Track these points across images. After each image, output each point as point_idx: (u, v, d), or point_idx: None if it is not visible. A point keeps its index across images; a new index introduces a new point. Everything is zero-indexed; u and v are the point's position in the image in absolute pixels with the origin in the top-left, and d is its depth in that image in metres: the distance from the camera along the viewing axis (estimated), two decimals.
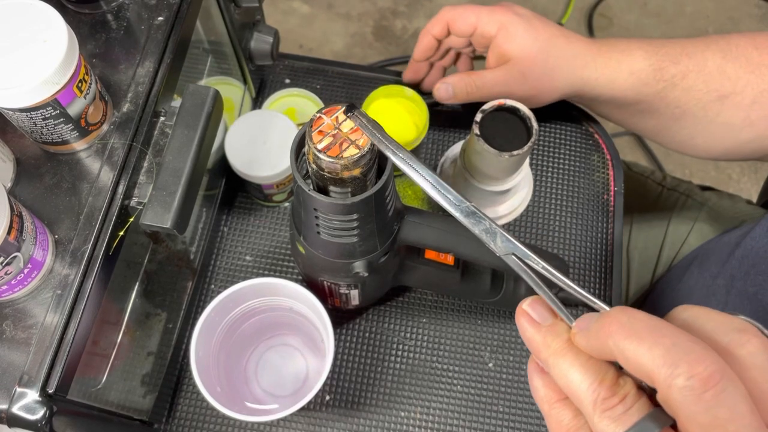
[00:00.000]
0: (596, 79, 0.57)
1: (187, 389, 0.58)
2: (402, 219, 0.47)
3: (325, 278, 0.51)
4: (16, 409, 0.36)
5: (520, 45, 0.56)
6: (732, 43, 0.55)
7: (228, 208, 0.65)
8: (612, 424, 0.25)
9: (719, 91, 0.55)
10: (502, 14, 0.56)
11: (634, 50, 0.57)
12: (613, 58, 0.57)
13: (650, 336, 0.25)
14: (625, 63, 0.56)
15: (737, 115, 0.56)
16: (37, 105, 0.38)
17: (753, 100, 0.54)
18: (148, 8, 0.47)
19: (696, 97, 0.56)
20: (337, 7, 1.63)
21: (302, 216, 0.43)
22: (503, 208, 0.65)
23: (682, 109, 0.57)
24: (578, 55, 0.57)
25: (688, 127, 0.58)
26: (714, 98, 0.56)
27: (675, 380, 0.24)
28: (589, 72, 0.57)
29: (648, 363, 0.24)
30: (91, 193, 0.42)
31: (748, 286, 0.53)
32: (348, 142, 0.36)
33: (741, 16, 1.64)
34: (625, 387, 0.26)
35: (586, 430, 0.27)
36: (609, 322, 0.26)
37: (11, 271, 0.37)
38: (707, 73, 0.55)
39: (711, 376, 0.23)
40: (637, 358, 0.25)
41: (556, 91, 0.59)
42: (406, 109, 0.63)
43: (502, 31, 0.56)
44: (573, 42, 0.58)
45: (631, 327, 0.25)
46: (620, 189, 0.68)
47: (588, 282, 0.64)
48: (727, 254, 0.59)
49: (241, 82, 0.65)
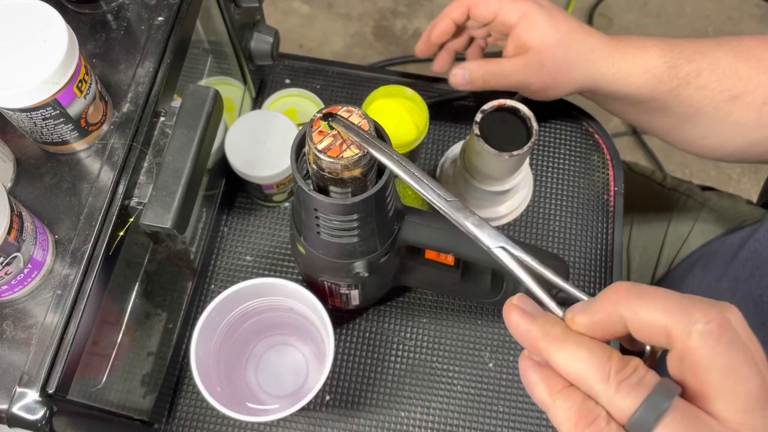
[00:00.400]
0: (612, 75, 0.57)
1: (187, 389, 0.58)
2: (402, 219, 0.47)
3: (325, 278, 0.51)
4: (16, 409, 0.36)
5: (541, 35, 0.56)
6: (744, 44, 0.56)
7: (228, 208, 0.65)
8: (632, 392, 0.25)
9: (731, 91, 0.55)
10: (524, 3, 0.56)
11: (649, 47, 0.57)
12: (629, 54, 0.57)
13: (659, 294, 0.26)
14: (640, 59, 0.56)
15: (748, 115, 0.56)
16: (37, 105, 0.38)
17: (764, 100, 0.55)
18: (148, 8, 0.47)
19: (709, 96, 0.56)
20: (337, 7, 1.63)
21: (302, 216, 0.43)
22: (503, 208, 0.65)
23: (695, 107, 0.57)
24: (596, 49, 0.57)
25: (699, 126, 0.58)
26: (726, 98, 0.56)
27: (695, 326, 0.25)
28: (606, 67, 0.57)
29: (663, 318, 0.26)
30: (91, 193, 0.42)
31: (753, 289, 0.53)
32: (348, 143, 0.36)
33: (741, 16, 1.64)
34: (634, 360, 0.27)
35: (600, 410, 0.26)
36: (615, 291, 0.27)
37: (11, 271, 0.37)
38: (720, 72, 0.55)
39: (725, 321, 0.25)
40: (651, 316, 0.26)
41: (572, 85, 0.59)
42: (406, 109, 0.63)
43: (523, 19, 0.56)
44: (592, 36, 0.57)
45: (639, 291, 0.27)
46: (620, 189, 0.68)
47: (588, 282, 0.64)
48: (731, 256, 0.59)
49: (241, 82, 0.65)
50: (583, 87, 0.59)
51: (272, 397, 0.59)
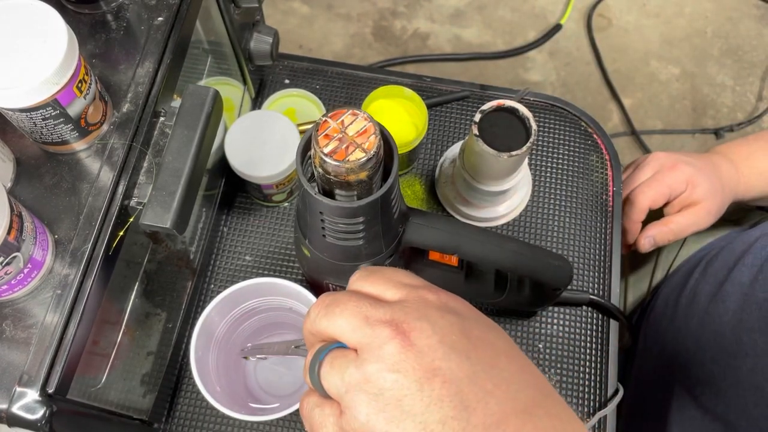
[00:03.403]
0: (743, 186, 0.68)
1: (187, 389, 0.59)
2: (407, 221, 0.47)
3: (330, 281, 0.51)
4: (16, 409, 0.37)
5: (705, 190, 0.66)
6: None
7: (228, 208, 0.65)
8: (307, 372, 0.32)
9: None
10: (682, 172, 0.66)
11: (755, 152, 0.68)
12: (741, 165, 0.68)
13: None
14: (754, 166, 0.68)
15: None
16: (37, 105, 0.38)
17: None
18: (148, 8, 0.47)
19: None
20: (336, 7, 1.63)
21: (307, 219, 0.43)
22: (502, 208, 0.65)
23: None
24: (730, 176, 0.68)
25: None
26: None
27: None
28: (736, 184, 0.68)
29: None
30: (91, 193, 0.42)
31: (758, 292, 0.54)
32: (354, 146, 0.36)
33: (740, 16, 1.64)
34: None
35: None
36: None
37: (11, 271, 0.37)
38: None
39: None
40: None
41: (726, 205, 0.68)
42: (406, 110, 0.63)
43: (689, 186, 0.66)
44: (718, 162, 0.68)
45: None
46: (619, 189, 0.68)
47: (587, 282, 0.64)
48: (734, 261, 0.59)
49: (240, 82, 0.65)
50: (730, 202, 0.69)
51: (272, 397, 0.59)
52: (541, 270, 0.50)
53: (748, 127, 1.49)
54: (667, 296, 0.69)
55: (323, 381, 0.30)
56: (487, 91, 0.73)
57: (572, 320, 0.63)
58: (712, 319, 0.58)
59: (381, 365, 0.28)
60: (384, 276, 0.33)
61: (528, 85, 1.54)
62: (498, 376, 0.29)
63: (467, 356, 0.29)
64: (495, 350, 0.30)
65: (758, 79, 1.56)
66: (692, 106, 1.53)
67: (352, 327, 0.30)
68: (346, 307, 0.31)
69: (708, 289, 0.61)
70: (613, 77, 1.54)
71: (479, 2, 1.64)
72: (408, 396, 0.28)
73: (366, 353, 0.29)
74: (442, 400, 0.27)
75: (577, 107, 0.72)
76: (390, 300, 0.32)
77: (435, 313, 0.30)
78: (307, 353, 0.33)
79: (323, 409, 0.30)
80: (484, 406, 0.28)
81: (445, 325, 0.30)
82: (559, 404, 0.31)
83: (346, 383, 0.29)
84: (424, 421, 0.27)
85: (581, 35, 1.61)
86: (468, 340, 0.30)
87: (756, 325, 0.52)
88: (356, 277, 0.34)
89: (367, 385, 0.28)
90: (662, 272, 0.74)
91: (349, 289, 0.34)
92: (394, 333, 0.29)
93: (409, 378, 0.28)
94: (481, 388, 0.28)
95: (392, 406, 0.28)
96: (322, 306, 0.32)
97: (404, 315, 0.30)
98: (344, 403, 0.29)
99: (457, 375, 0.28)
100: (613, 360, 0.61)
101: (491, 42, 1.59)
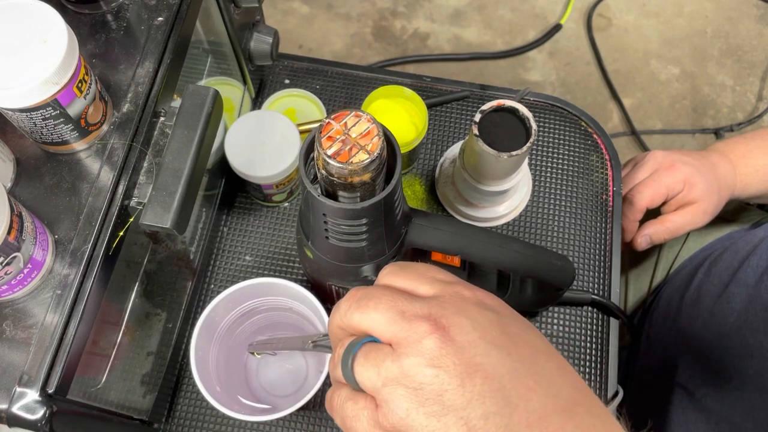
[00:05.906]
0: (741, 184, 0.68)
1: (187, 389, 0.59)
2: (409, 222, 0.47)
3: (333, 282, 0.51)
4: (16, 409, 0.37)
5: (701, 189, 0.66)
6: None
7: (228, 208, 0.65)
8: (337, 367, 0.31)
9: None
10: (680, 172, 0.66)
11: (752, 150, 0.68)
12: (739, 163, 0.68)
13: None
14: (750, 164, 0.68)
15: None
16: (37, 105, 0.38)
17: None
18: (148, 8, 0.47)
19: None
20: (336, 7, 1.63)
21: (310, 221, 0.43)
22: (502, 208, 0.65)
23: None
24: (726, 174, 0.67)
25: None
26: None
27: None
28: (733, 182, 0.68)
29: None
30: (91, 193, 0.42)
31: (764, 293, 0.54)
32: (357, 148, 0.36)
33: (740, 16, 1.64)
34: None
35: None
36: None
37: (11, 271, 0.37)
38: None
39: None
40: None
41: (722, 204, 0.68)
42: (406, 110, 0.63)
43: (686, 185, 0.66)
44: (716, 161, 0.68)
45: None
46: (619, 189, 0.68)
47: (587, 281, 0.64)
48: (739, 262, 0.59)
49: (240, 82, 0.65)
50: (728, 200, 0.69)
51: (272, 397, 0.59)
52: (544, 270, 0.50)
53: (748, 127, 1.49)
54: (669, 296, 0.69)
55: (357, 375, 0.30)
56: (487, 91, 0.73)
57: (573, 320, 0.63)
58: (717, 320, 0.58)
59: (420, 359, 0.28)
60: (417, 271, 0.33)
61: (528, 85, 1.54)
62: (538, 373, 0.29)
63: (508, 353, 0.29)
64: (534, 348, 0.30)
65: (758, 79, 1.56)
66: (692, 106, 1.53)
67: (388, 321, 0.29)
68: (380, 301, 0.30)
69: (712, 290, 0.61)
70: (613, 77, 1.54)
71: (479, 2, 1.64)
72: (449, 391, 0.27)
73: (403, 347, 0.28)
74: (484, 395, 0.27)
75: (577, 107, 0.72)
76: (424, 295, 0.31)
77: (473, 309, 0.30)
78: (331, 348, 0.33)
79: (357, 402, 0.30)
80: (525, 403, 0.28)
81: (483, 321, 0.29)
82: (598, 404, 0.30)
83: (383, 377, 0.28)
84: (466, 416, 0.27)
85: (581, 35, 1.61)
86: (507, 337, 0.29)
87: (761, 327, 0.52)
88: (387, 271, 0.33)
89: (405, 379, 0.28)
90: (663, 272, 0.74)
91: (379, 284, 0.33)
92: (433, 328, 0.28)
93: (449, 373, 0.27)
94: (523, 385, 0.28)
95: (432, 401, 0.27)
96: (354, 300, 0.31)
97: (442, 310, 0.29)
98: (381, 397, 0.29)
99: (498, 371, 0.28)
100: (613, 361, 0.61)
101: (491, 42, 1.59)
